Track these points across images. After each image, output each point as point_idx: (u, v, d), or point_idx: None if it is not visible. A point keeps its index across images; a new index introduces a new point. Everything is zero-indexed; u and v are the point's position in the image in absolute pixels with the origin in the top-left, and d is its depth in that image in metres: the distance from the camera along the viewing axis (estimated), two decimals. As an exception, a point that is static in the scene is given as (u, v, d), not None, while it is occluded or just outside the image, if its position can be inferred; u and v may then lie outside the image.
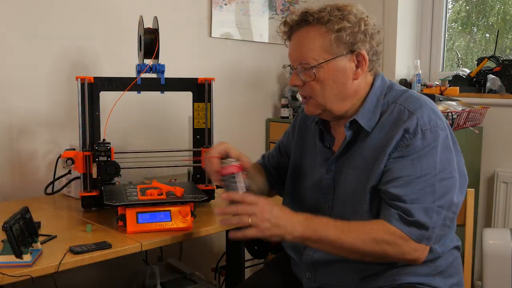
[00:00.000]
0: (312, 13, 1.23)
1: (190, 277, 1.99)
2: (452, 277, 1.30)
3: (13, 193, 1.92)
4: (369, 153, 1.25)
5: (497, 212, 2.49)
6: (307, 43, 1.24)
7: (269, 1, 2.73)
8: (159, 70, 1.70)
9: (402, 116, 1.22)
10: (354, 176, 1.27)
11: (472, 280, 2.39)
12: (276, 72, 2.83)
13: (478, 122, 2.50)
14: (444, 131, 1.22)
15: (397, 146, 1.20)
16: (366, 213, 1.23)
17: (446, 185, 1.19)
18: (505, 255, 2.13)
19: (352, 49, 1.23)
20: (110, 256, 1.31)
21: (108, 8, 2.12)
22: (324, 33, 1.22)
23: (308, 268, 1.35)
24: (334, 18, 1.22)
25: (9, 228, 1.12)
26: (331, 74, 1.24)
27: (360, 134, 1.28)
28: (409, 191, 1.17)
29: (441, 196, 1.18)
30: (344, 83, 1.25)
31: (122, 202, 1.46)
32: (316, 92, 1.26)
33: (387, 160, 1.20)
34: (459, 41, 2.98)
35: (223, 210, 1.20)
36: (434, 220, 1.16)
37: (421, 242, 1.17)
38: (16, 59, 1.90)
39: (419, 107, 1.22)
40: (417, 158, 1.18)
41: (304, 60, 1.24)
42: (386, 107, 1.26)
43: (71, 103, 2.00)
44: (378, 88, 1.29)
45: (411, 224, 1.16)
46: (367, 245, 1.16)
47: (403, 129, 1.20)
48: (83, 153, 1.62)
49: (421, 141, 1.18)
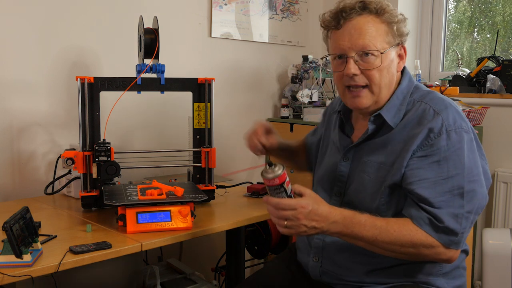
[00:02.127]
0: (371, 2, 1.24)
1: (190, 277, 1.99)
2: (456, 279, 1.31)
3: (13, 193, 1.92)
4: (391, 149, 1.25)
5: (497, 212, 2.49)
6: (370, 31, 1.23)
7: (269, 1, 2.73)
8: (159, 70, 1.70)
9: (427, 115, 1.22)
10: (372, 168, 1.27)
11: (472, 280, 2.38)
12: (276, 72, 2.83)
13: (478, 122, 2.50)
14: (469, 134, 1.21)
15: (422, 145, 1.20)
16: (383, 206, 1.24)
17: (474, 187, 1.18)
18: (505, 255, 2.13)
19: (400, 42, 1.28)
20: (110, 256, 1.31)
21: (108, 8, 2.12)
22: (385, 22, 1.25)
23: (316, 252, 1.35)
24: (390, 11, 1.25)
25: (9, 228, 1.13)
26: (388, 63, 1.26)
27: (382, 129, 1.28)
28: (437, 193, 1.17)
29: (470, 199, 1.17)
30: (393, 73, 1.28)
31: (122, 202, 1.46)
32: (375, 80, 1.25)
33: (411, 159, 1.20)
34: (463, 42, 2.97)
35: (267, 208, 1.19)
36: (463, 226, 1.17)
37: (450, 247, 1.17)
38: (16, 59, 1.90)
39: (444, 108, 1.22)
40: (443, 159, 1.18)
41: (369, 47, 1.23)
42: (411, 106, 1.27)
43: (71, 103, 2.00)
44: (405, 87, 1.30)
45: (441, 231, 1.16)
46: (404, 248, 1.16)
47: (428, 128, 1.19)
48: (83, 153, 1.62)
49: (446, 142, 1.18)
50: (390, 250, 1.17)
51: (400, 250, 1.17)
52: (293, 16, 2.86)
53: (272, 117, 2.84)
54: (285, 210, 1.14)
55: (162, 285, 1.90)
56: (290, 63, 2.78)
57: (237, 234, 1.85)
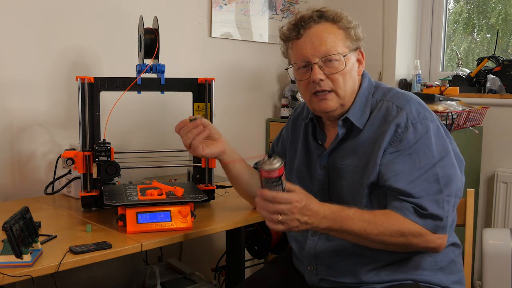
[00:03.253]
0: (326, 11, 1.30)
1: (190, 277, 1.99)
2: (454, 274, 1.32)
3: (13, 193, 1.92)
4: (362, 149, 1.28)
5: (497, 212, 2.49)
6: (329, 37, 1.28)
7: (269, 1, 2.73)
8: (159, 70, 1.70)
9: (391, 111, 1.27)
10: (348, 172, 1.30)
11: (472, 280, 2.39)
12: (276, 72, 2.83)
13: (478, 122, 2.50)
14: (434, 122, 1.26)
15: (391, 142, 1.23)
16: (365, 208, 1.26)
17: (448, 172, 1.22)
18: (505, 255, 2.13)
19: (358, 46, 1.32)
20: (110, 256, 1.31)
21: (108, 8, 2.12)
22: (342, 28, 1.29)
23: (310, 261, 1.36)
24: (345, 17, 1.30)
25: (9, 228, 1.12)
26: (350, 67, 1.30)
27: (352, 132, 1.32)
28: (415, 184, 1.20)
29: (446, 183, 1.21)
30: (355, 77, 1.33)
31: (122, 202, 1.46)
32: (340, 84, 1.29)
33: (383, 156, 1.24)
34: (461, 42, 2.97)
35: (258, 202, 1.17)
36: (446, 209, 1.20)
37: (437, 232, 1.20)
38: (16, 59, 1.90)
39: (406, 102, 1.27)
40: (414, 151, 1.22)
41: (331, 52, 1.27)
42: (375, 105, 1.31)
43: (71, 103, 2.00)
44: (366, 88, 1.35)
45: (426, 217, 1.18)
46: (393, 238, 1.18)
47: (395, 125, 1.24)
48: (83, 153, 1.62)
49: (413, 134, 1.22)
50: (379, 241, 1.19)
51: (390, 241, 1.18)
52: (293, 16, 2.86)
53: (272, 117, 2.84)
54: (280, 204, 1.13)
55: (162, 285, 1.90)
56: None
57: (237, 234, 1.85)
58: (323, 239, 1.34)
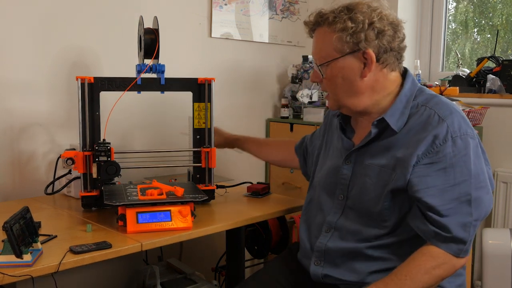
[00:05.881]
0: (322, 15, 1.29)
1: (190, 277, 1.99)
2: (457, 278, 1.31)
3: (13, 193, 1.92)
4: (393, 152, 1.25)
5: (497, 212, 2.49)
6: (318, 43, 1.31)
7: (269, 1, 2.73)
8: (159, 70, 1.70)
9: (431, 121, 1.22)
10: (374, 172, 1.27)
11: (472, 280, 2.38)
12: (276, 72, 2.83)
13: (478, 122, 2.50)
14: (474, 140, 1.21)
15: (427, 152, 1.19)
16: (386, 210, 1.24)
17: (481, 194, 1.19)
18: (505, 255, 2.13)
19: (356, 48, 1.25)
20: (110, 256, 1.31)
21: (108, 8, 2.12)
22: (329, 33, 1.27)
23: (318, 255, 1.35)
24: (339, 19, 1.25)
25: (9, 228, 1.13)
26: (339, 72, 1.28)
27: (384, 132, 1.28)
28: (445, 201, 1.17)
29: (477, 206, 1.17)
30: (352, 80, 1.28)
31: (122, 202, 1.46)
32: (330, 89, 1.32)
33: (416, 166, 1.20)
34: (464, 43, 2.97)
35: None
36: (471, 234, 1.18)
37: (459, 256, 1.18)
38: (16, 59, 1.90)
39: (449, 114, 1.22)
40: (449, 166, 1.18)
41: (316, 59, 1.32)
42: (415, 110, 1.26)
43: (71, 103, 2.00)
44: (408, 90, 1.30)
45: (449, 240, 1.16)
46: (423, 282, 1.16)
47: (433, 135, 1.19)
48: (83, 153, 1.62)
49: (451, 148, 1.18)
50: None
51: (423, 287, 1.17)
52: (293, 16, 2.86)
53: (272, 117, 2.84)
54: None
55: (162, 285, 1.90)
56: (290, 63, 2.78)
57: (237, 234, 1.85)
58: (336, 237, 1.33)
